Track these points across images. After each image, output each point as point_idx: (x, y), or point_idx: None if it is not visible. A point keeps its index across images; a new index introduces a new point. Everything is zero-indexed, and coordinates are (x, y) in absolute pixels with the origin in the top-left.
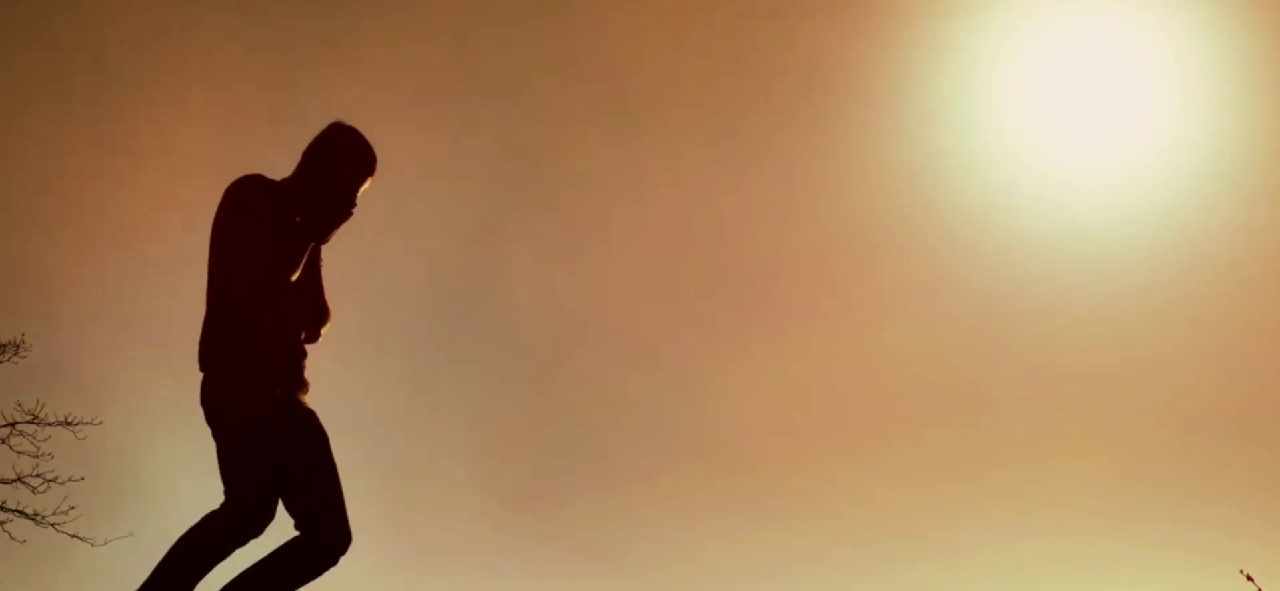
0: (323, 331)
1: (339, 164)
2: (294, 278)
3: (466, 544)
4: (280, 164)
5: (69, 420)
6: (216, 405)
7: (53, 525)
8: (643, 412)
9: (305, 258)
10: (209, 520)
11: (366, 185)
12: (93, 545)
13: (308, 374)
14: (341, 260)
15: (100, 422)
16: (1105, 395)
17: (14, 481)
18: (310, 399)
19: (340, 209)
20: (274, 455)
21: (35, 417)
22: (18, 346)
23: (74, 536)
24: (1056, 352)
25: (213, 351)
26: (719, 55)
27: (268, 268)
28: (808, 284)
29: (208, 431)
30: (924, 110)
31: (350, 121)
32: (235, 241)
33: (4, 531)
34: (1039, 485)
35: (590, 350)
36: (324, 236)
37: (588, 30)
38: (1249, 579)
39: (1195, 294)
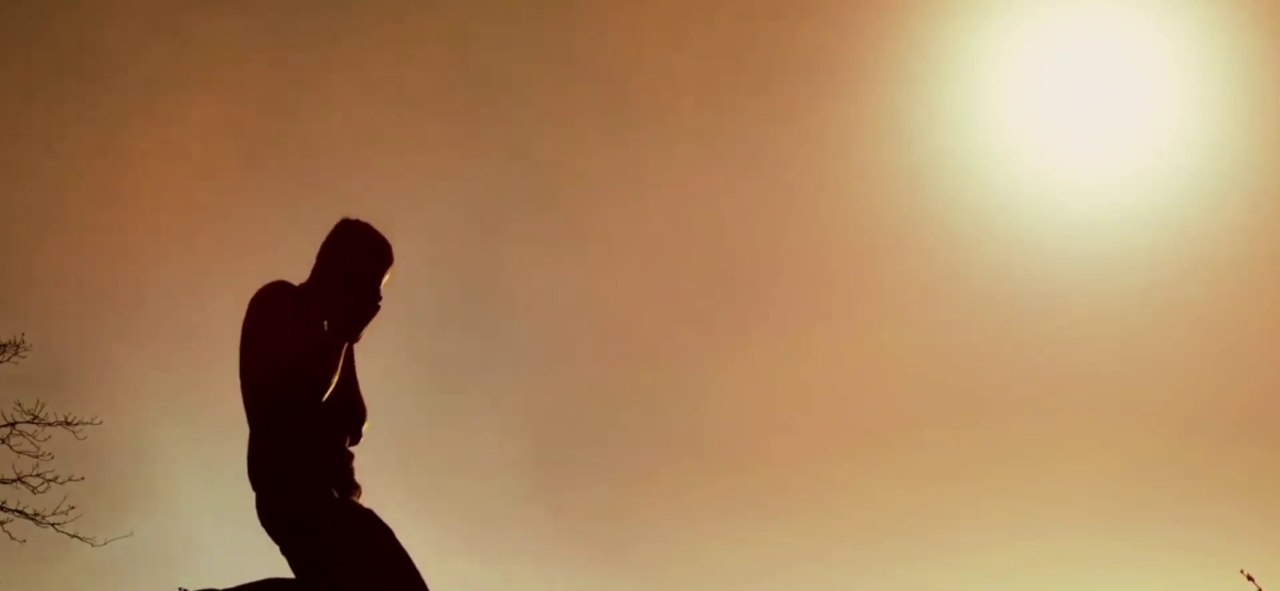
0: (363, 431)
1: (359, 263)
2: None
3: (463, 543)
4: (280, 165)
5: (69, 420)
6: (275, 518)
7: (53, 525)
8: (643, 412)
9: (340, 360)
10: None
11: (387, 276)
12: (93, 545)
13: (357, 476)
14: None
15: (100, 422)
16: (1105, 395)
17: (14, 481)
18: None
19: (368, 306)
20: (345, 556)
21: (35, 417)
22: (18, 346)
23: (74, 536)
24: (1056, 352)
25: (260, 467)
26: (719, 55)
27: (300, 373)
28: (808, 284)
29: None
30: (924, 110)
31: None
32: (265, 352)
33: (4, 531)
34: (1039, 485)
35: (590, 350)
36: (355, 336)
37: (588, 30)
38: (1249, 579)
39: (1195, 294)
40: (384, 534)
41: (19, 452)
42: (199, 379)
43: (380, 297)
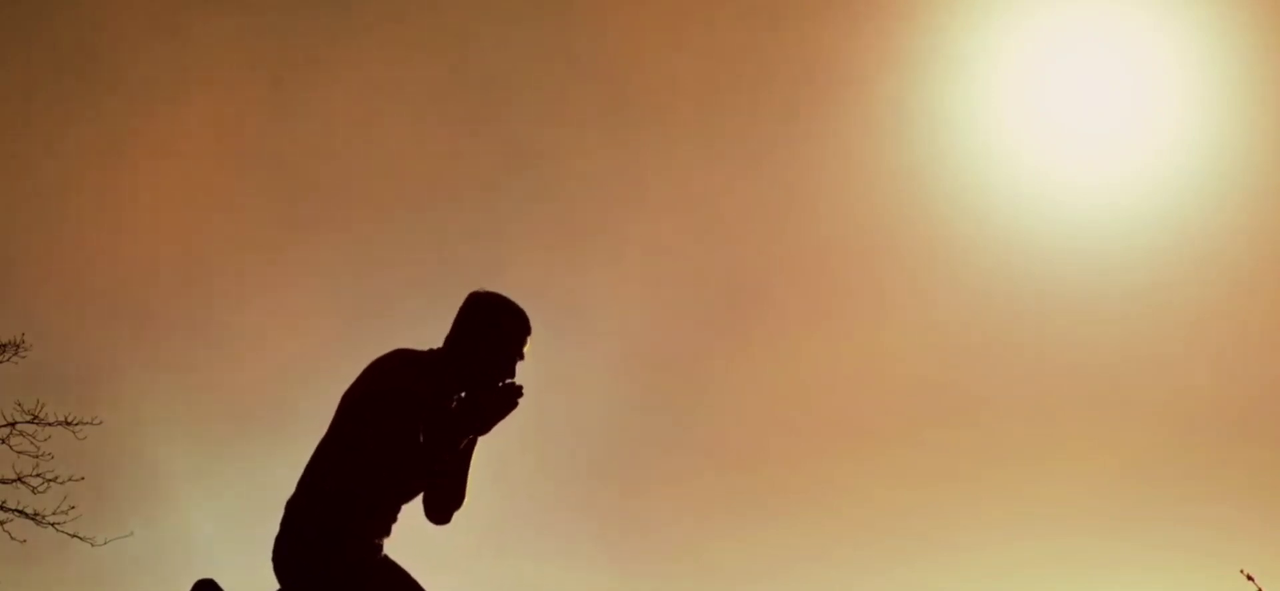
0: (454, 515)
1: (494, 349)
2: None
3: (461, 542)
4: (280, 162)
5: (69, 420)
6: (305, 562)
7: (53, 525)
8: (642, 412)
9: (460, 445)
10: None
11: (526, 350)
12: (93, 545)
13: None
14: (337, 260)
15: (100, 422)
16: (1105, 395)
17: (14, 481)
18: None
19: (504, 404)
20: None
21: (35, 417)
22: (18, 346)
23: (74, 536)
24: (1056, 352)
25: (301, 517)
26: (719, 55)
27: (395, 470)
28: (808, 284)
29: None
30: (924, 110)
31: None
32: (370, 437)
33: (4, 531)
34: (1039, 485)
35: (589, 350)
36: (487, 429)
37: (588, 30)
38: (1249, 579)
39: (1195, 294)
40: (399, 576)
41: (19, 452)
42: (199, 379)
43: (520, 394)
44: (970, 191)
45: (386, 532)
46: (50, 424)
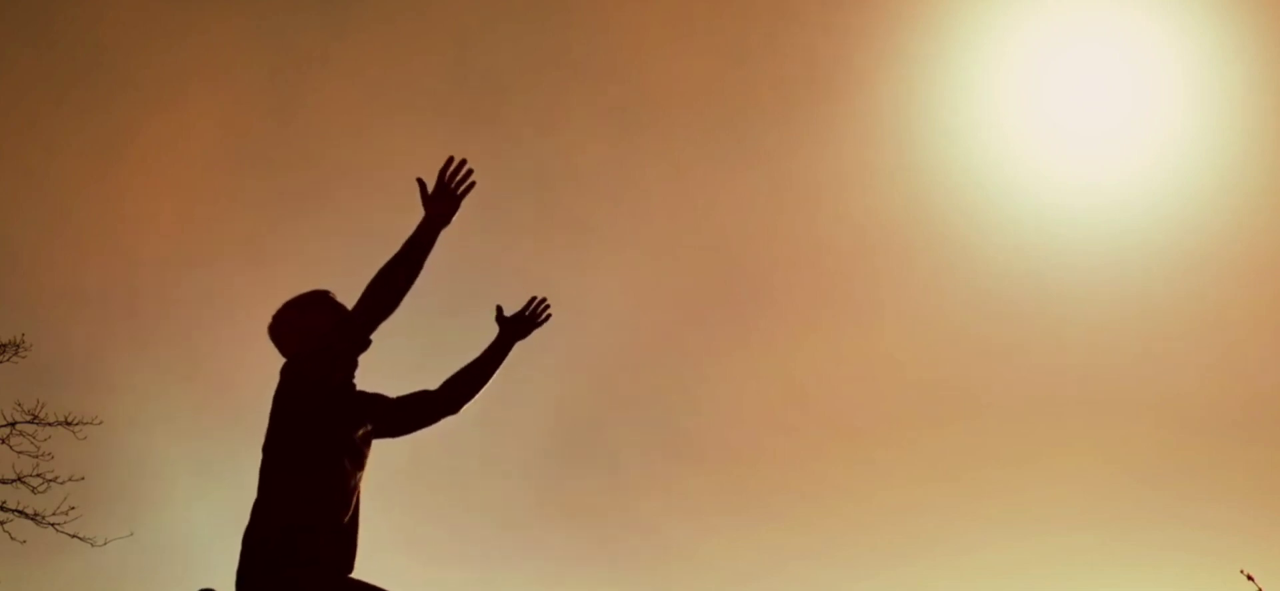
0: (464, 407)
1: (330, 308)
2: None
3: (462, 541)
4: (280, 162)
5: (69, 420)
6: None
7: (53, 525)
8: (642, 412)
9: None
10: None
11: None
12: (93, 545)
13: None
14: (339, 262)
15: (100, 422)
16: (1104, 395)
17: (14, 481)
18: None
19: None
20: None
21: (35, 417)
22: (18, 346)
23: (74, 536)
24: (1055, 352)
25: (259, 551)
26: (719, 55)
27: (334, 464)
28: (808, 284)
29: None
30: (924, 110)
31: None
32: (301, 437)
33: (4, 531)
34: (1039, 485)
35: (589, 350)
36: (452, 213)
37: (588, 30)
38: (1249, 579)
39: (1195, 294)
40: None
41: (19, 452)
42: (199, 379)
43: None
44: (970, 191)
45: (350, 551)
46: (50, 424)
